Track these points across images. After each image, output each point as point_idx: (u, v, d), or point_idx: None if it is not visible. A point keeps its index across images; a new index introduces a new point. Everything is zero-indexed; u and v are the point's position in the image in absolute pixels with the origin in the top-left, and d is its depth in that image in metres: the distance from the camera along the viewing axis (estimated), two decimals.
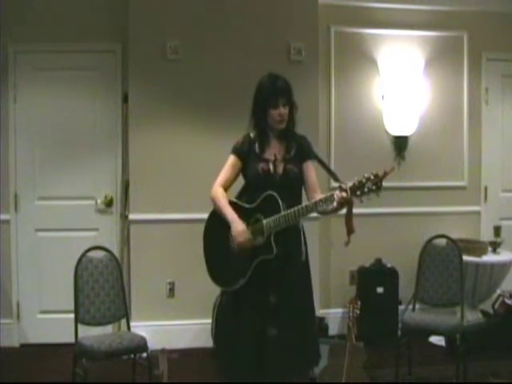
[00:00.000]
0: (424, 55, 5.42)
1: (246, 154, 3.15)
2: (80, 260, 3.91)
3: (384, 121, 5.39)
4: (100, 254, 4.03)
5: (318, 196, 3.06)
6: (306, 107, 4.95)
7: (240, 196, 3.19)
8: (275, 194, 2.98)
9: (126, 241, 5.02)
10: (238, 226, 3.02)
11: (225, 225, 3.08)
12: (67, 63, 4.96)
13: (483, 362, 4.41)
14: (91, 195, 5.01)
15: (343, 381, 3.64)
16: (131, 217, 4.90)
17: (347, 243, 3.06)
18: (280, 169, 3.09)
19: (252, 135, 3.18)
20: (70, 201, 4.99)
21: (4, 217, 4.94)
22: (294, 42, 5.00)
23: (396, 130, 5.38)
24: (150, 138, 4.89)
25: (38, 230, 5.00)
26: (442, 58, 5.46)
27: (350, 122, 5.35)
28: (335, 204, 2.88)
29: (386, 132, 5.40)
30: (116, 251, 4.60)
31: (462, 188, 5.57)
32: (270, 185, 3.04)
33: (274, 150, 3.13)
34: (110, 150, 5.03)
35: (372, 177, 2.81)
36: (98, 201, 5.02)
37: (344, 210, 3.01)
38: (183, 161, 4.91)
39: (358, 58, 5.34)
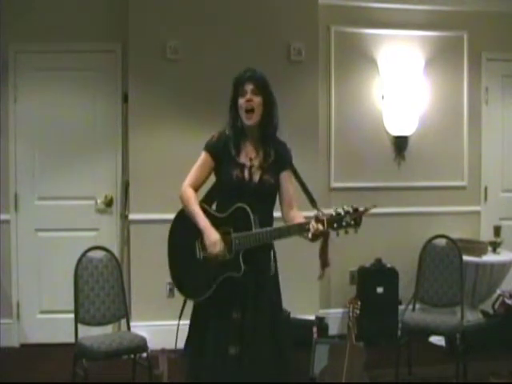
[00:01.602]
0: (424, 55, 5.42)
1: (219, 153, 2.91)
2: (80, 260, 3.91)
3: (384, 121, 5.38)
4: (100, 253, 4.03)
5: (294, 213, 2.89)
6: (305, 107, 5.04)
7: (209, 196, 2.99)
8: (247, 207, 2.76)
9: (126, 241, 5.02)
10: (211, 235, 2.79)
11: (192, 231, 2.86)
12: (67, 63, 4.96)
13: (483, 362, 4.41)
14: (91, 195, 5.01)
15: (343, 381, 3.64)
16: (131, 217, 4.90)
17: (321, 277, 2.93)
18: (256, 177, 2.87)
19: (228, 132, 2.94)
20: (70, 201, 4.99)
21: (4, 217, 4.94)
22: (294, 42, 5.00)
23: (396, 130, 5.38)
24: (150, 137, 4.89)
25: (38, 230, 5.00)
26: (442, 58, 5.46)
27: (350, 122, 5.35)
28: (310, 235, 2.66)
29: (386, 132, 5.40)
30: (116, 251, 4.60)
31: (462, 188, 5.57)
32: (244, 193, 2.83)
33: (250, 154, 2.90)
34: (110, 149, 5.03)
35: (351, 211, 2.61)
36: (98, 201, 5.02)
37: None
38: (183, 161, 4.84)
39: (358, 58, 5.34)
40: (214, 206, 2.99)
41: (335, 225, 2.63)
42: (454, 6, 5.44)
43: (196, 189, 2.97)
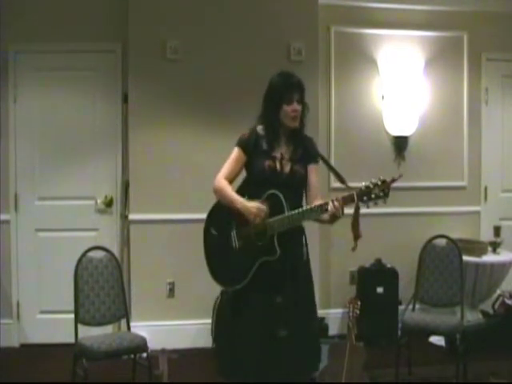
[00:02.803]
0: (424, 55, 5.42)
1: (251, 149, 3.08)
2: (80, 260, 3.91)
3: (384, 121, 5.39)
4: (100, 253, 4.03)
5: (319, 202, 3.01)
6: None
7: (241, 190, 3.11)
8: (279, 193, 2.93)
9: (126, 241, 5.02)
10: (249, 207, 2.94)
11: (226, 224, 3.05)
12: (67, 63, 4.96)
13: (483, 362, 4.40)
14: (91, 195, 5.01)
15: (343, 381, 3.64)
16: (131, 217, 4.90)
17: (354, 249, 3.01)
18: (287, 168, 3.05)
19: (260, 130, 3.10)
20: (70, 201, 4.99)
21: (4, 217, 4.94)
22: (294, 42, 5.00)
23: (396, 130, 5.38)
24: (150, 138, 4.89)
25: (38, 230, 5.00)
26: (442, 58, 5.46)
27: (350, 122, 5.35)
28: (338, 213, 2.85)
29: (386, 132, 5.41)
30: (116, 251, 4.60)
31: (462, 188, 5.57)
32: (275, 183, 2.99)
33: (281, 150, 3.07)
34: (110, 150, 5.03)
35: (379, 183, 2.79)
36: (98, 201, 5.02)
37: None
38: (183, 161, 4.91)
39: (358, 58, 5.34)
40: None
41: (365, 198, 2.81)
42: (453, 6, 5.44)
43: (229, 181, 3.10)
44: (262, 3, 4.99)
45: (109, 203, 5.04)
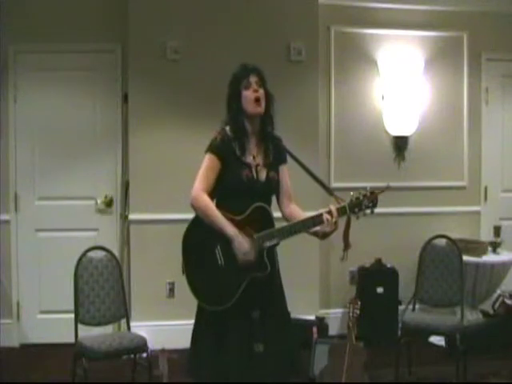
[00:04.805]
0: (424, 55, 5.42)
1: (225, 154, 2.85)
2: (80, 260, 3.90)
3: (384, 121, 5.39)
4: (100, 254, 4.02)
5: (294, 207, 2.96)
6: (306, 107, 5.05)
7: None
8: (266, 206, 2.80)
9: (125, 241, 5.02)
10: (242, 245, 2.74)
11: (210, 239, 2.80)
12: (67, 63, 4.97)
13: (483, 362, 4.40)
14: (91, 195, 5.01)
15: (343, 381, 3.64)
16: (131, 217, 4.90)
17: (343, 259, 2.98)
18: (262, 176, 2.88)
19: (229, 131, 2.89)
20: (69, 201, 5.00)
21: (4, 217, 4.94)
22: (294, 42, 5.00)
23: (396, 130, 5.38)
24: (150, 138, 4.89)
25: (38, 230, 5.00)
26: (441, 57, 5.46)
27: (349, 122, 5.35)
28: (323, 226, 2.73)
29: (386, 132, 5.41)
30: (116, 251, 4.59)
31: (462, 188, 5.57)
32: (252, 193, 2.81)
33: (253, 152, 2.89)
34: (110, 149, 5.03)
35: (369, 194, 2.78)
36: (98, 201, 5.02)
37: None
38: (183, 161, 4.90)
39: (358, 58, 5.34)
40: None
41: (356, 209, 2.77)
42: (453, 6, 5.44)
43: (209, 193, 2.87)
44: (262, 3, 4.99)
45: (109, 203, 5.04)
